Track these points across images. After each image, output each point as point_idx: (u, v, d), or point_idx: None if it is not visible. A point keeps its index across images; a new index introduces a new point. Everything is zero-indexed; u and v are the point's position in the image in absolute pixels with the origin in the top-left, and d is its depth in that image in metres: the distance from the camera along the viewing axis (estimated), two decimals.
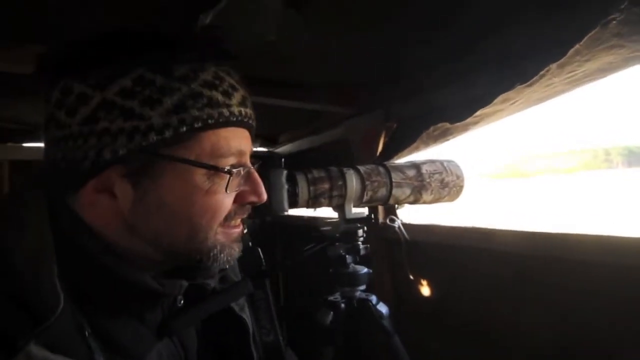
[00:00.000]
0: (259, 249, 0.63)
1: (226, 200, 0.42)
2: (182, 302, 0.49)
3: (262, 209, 0.62)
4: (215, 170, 0.40)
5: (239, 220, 0.46)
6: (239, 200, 0.44)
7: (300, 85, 0.98)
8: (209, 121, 0.40)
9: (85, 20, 0.55)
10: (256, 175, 0.46)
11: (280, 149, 1.70)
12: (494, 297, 0.84)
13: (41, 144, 0.44)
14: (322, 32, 0.66)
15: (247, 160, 0.45)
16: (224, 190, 0.41)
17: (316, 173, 0.72)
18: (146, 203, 0.40)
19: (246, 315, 0.56)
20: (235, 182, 0.43)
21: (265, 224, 1.77)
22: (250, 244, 0.64)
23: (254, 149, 0.53)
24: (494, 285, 0.84)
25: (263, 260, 0.62)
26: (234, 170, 0.42)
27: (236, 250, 0.46)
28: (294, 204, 0.69)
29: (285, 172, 0.65)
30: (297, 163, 0.74)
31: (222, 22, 0.54)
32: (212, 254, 0.42)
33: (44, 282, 0.34)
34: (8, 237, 0.35)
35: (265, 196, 0.46)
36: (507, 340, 0.80)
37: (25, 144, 1.37)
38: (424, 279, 1.04)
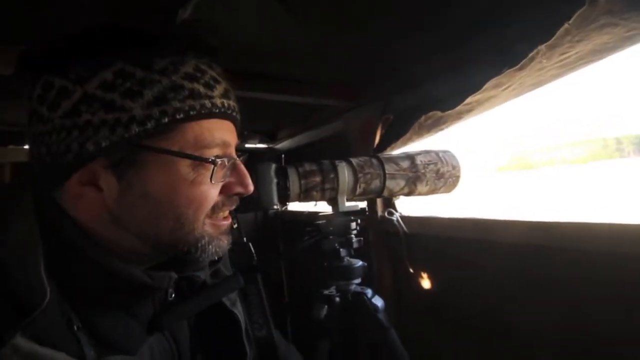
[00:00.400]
0: (250, 244, 0.63)
1: (212, 191, 0.43)
2: (173, 295, 0.49)
3: (252, 204, 0.62)
4: (199, 160, 0.41)
5: (227, 213, 0.47)
6: (225, 191, 0.45)
7: (298, 80, 0.98)
8: (191, 112, 0.40)
9: (67, 18, 0.55)
10: (242, 166, 0.47)
11: (279, 145, 1.69)
12: (495, 289, 0.82)
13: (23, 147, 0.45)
14: (317, 26, 0.65)
15: (232, 151, 0.45)
16: (209, 180, 0.42)
17: (307, 166, 0.71)
18: (131, 195, 0.40)
19: (238, 311, 0.56)
20: (220, 172, 0.43)
21: (267, 219, 1.78)
22: (244, 239, 0.64)
23: (253, 146, 0.55)
24: (495, 278, 0.82)
25: (254, 255, 0.62)
26: (218, 160, 0.42)
27: (224, 242, 0.46)
28: (285, 198, 0.68)
29: (273, 165, 0.64)
30: (296, 159, 0.73)
31: (201, 16, 0.54)
32: (199, 245, 0.43)
33: (30, 275, 0.34)
34: (7, 230, 0.36)
35: (251, 187, 0.47)
36: (507, 333, 0.79)
37: (26, 146, 1.39)
38: (424, 272, 1.03)
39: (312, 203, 0.76)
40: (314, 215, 1.40)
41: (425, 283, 1.03)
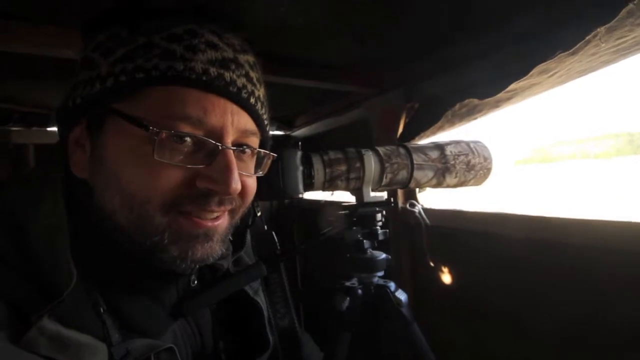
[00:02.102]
0: (274, 233, 0.62)
1: (170, 174, 0.35)
2: (195, 282, 0.48)
3: (276, 191, 0.60)
4: (139, 126, 0.34)
5: (201, 213, 0.38)
6: (190, 182, 0.36)
7: (317, 64, 0.93)
8: (153, 72, 0.35)
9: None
10: (230, 159, 0.37)
11: (297, 133, 1.67)
12: (516, 284, 0.80)
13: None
14: (343, 5, 0.61)
15: (220, 137, 0.37)
16: (168, 160, 0.35)
17: (332, 154, 0.69)
18: (93, 159, 0.38)
19: (260, 299, 0.55)
20: (177, 151, 0.35)
21: (282, 207, 1.77)
22: (265, 227, 0.63)
23: (270, 133, 0.47)
24: (517, 273, 0.79)
25: (278, 244, 0.61)
26: (173, 133, 0.34)
27: (200, 251, 0.38)
28: (309, 187, 0.66)
29: (299, 152, 0.62)
30: (314, 147, 0.71)
31: None
32: (156, 239, 0.36)
33: (57, 258, 0.33)
34: (23, 213, 0.35)
35: (231, 187, 0.36)
36: (527, 329, 0.77)
37: (49, 128, 1.41)
38: (444, 265, 1.00)
39: (329, 192, 0.73)
40: (334, 204, 1.39)
41: (446, 277, 1.01)
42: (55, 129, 1.32)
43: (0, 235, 0.34)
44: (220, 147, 0.37)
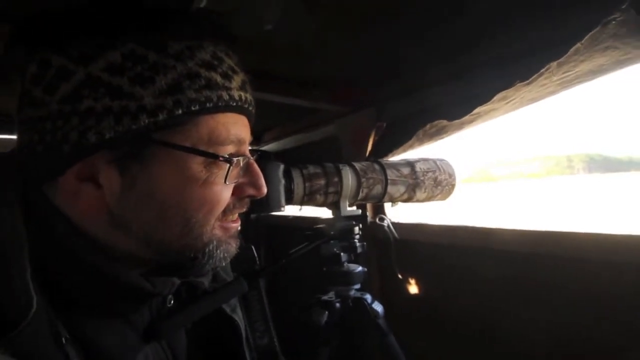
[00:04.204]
0: (253, 248, 0.60)
1: (225, 193, 0.39)
2: (172, 301, 0.46)
3: (259, 205, 0.59)
4: (213, 158, 0.37)
5: (236, 215, 0.43)
6: (237, 192, 0.41)
7: (291, 81, 0.95)
8: (208, 104, 0.36)
9: None
10: (256, 166, 0.43)
11: (265, 147, 1.66)
12: (483, 295, 0.85)
13: (14, 136, 0.39)
14: (318, 27, 0.64)
15: (246, 149, 0.42)
16: (223, 181, 0.38)
17: (312, 169, 0.70)
18: (135, 194, 0.36)
19: (238, 317, 0.53)
20: (234, 172, 0.40)
21: (248, 223, 1.72)
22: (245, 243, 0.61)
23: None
24: (484, 284, 0.85)
25: (257, 259, 0.60)
26: (234, 159, 0.39)
27: (233, 246, 0.43)
28: (289, 200, 0.66)
29: (282, 166, 0.62)
30: (284, 162, 0.71)
31: (218, 7, 0.51)
32: (207, 250, 0.39)
33: (15, 283, 0.30)
34: None
35: (265, 189, 0.43)
36: (495, 339, 0.81)
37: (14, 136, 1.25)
38: (412, 277, 1.04)
39: (297, 207, 0.74)
40: (304, 219, 1.39)
41: (413, 289, 1.04)
42: (3, 137, 1.14)
43: None
44: (250, 159, 0.42)
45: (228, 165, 0.38)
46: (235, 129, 0.39)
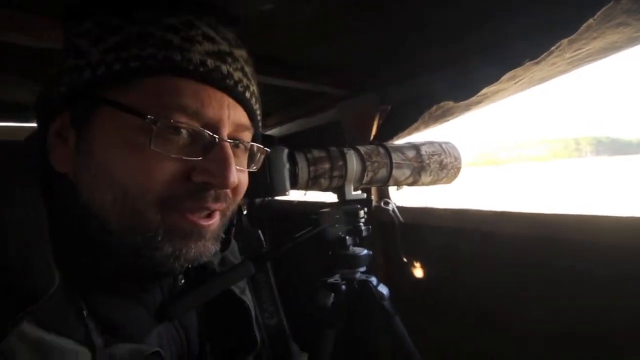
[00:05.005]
0: (260, 231, 0.61)
1: (166, 166, 0.34)
2: (182, 281, 0.47)
3: (264, 189, 0.60)
4: (139, 116, 0.33)
5: (198, 211, 0.37)
6: (192, 176, 0.35)
7: (290, 64, 0.94)
8: (149, 62, 0.34)
9: None
10: (227, 152, 0.36)
11: (268, 132, 1.65)
12: (487, 278, 0.86)
13: (10, 124, 0.40)
14: (319, 10, 0.62)
15: (217, 129, 0.36)
16: (164, 151, 0.34)
17: (316, 153, 0.69)
18: (80, 152, 0.35)
19: (247, 299, 0.54)
20: (173, 142, 0.34)
21: (252, 207, 1.74)
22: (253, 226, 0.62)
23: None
24: (487, 266, 0.85)
25: (264, 242, 0.60)
26: (170, 123, 0.33)
27: (194, 249, 0.37)
28: (293, 185, 0.66)
29: (286, 150, 0.62)
30: (287, 147, 0.70)
31: None
32: (149, 236, 0.35)
33: (38, 260, 0.31)
34: (10, 206, 0.32)
35: (228, 180, 0.36)
36: (499, 320, 0.82)
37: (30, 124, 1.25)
38: (417, 261, 1.05)
39: (301, 192, 0.74)
40: (309, 204, 1.39)
41: (418, 272, 1.05)
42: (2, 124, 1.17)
43: None
44: (217, 140, 0.36)
45: (153, 127, 0.33)
46: (190, 98, 0.34)
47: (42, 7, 0.58)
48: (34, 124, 0.40)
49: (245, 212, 0.56)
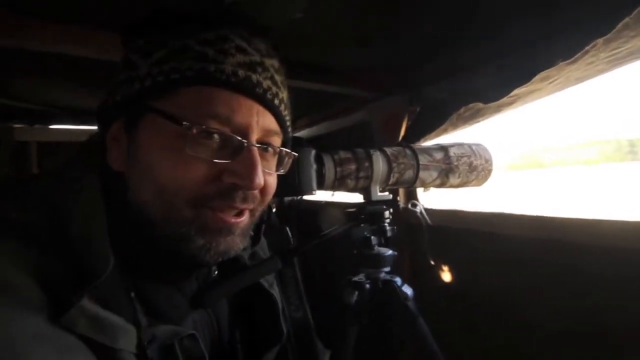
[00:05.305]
0: (287, 229, 0.64)
1: (199, 167, 0.37)
2: (216, 273, 0.50)
3: (292, 189, 0.63)
4: (176, 123, 0.36)
5: (228, 209, 0.40)
6: (222, 177, 0.39)
7: (321, 67, 0.96)
8: (187, 73, 0.37)
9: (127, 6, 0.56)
10: (254, 156, 0.39)
11: (297, 134, 1.69)
12: (516, 283, 0.83)
13: (67, 126, 0.46)
14: (348, 13, 0.64)
15: (246, 135, 0.39)
16: (198, 154, 0.37)
17: (343, 154, 0.71)
18: (129, 155, 0.40)
19: (275, 292, 0.57)
20: (206, 146, 0.38)
21: (281, 206, 1.79)
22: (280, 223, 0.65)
23: None
24: (515, 271, 0.83)
25: (291, 239, 0.63)
26: (203, 129, 0.37)
27: (223, 244, 0.40)
28: (320, 185, 0.68)
29: (313, 151, 0.65)
30: (316, 148, 0.73)
31: None
32: (183, 230, 0.38)
33: (97, 243, 0.35)
34: (64, 201, 0.37)
35: (255, 183, 0.39)
36: (527, 326, 0.80)
37: (52, 126, 1.42)
38: (444, 264, 1.03)
39: (330, 193, 0.76)
40: (336, 204, 1.42)
41: (446, 275, 1.04)
42: (59, 127, 1.32)
43: (39, 220, 0.35)
44: (245, 144, 0.39)
45: (188, 132, 0.36)
46: (225, 107, 0.38)
47: (105, 24, 0.65)
48: (89, 127, 0.46)
49: (274, 210, 0.59)
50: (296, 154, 0.47)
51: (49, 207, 0.36)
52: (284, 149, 0.46)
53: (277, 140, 0.44)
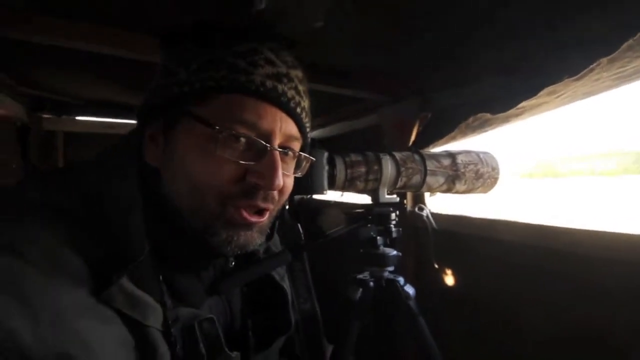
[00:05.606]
0: (298, 225, 0.68)
1: (227, 167, 0.41)
2: (232, 264, 0.55)
3: (305, 187, 0.66)
4: (209, 127, 0.41)
5: (252, 207, 0.44)
6: (246, 177, 0.43)
7: (334, 71, 0.99)
8: (222, 82, 0.41)
9: (158, 11, 0.61)
10: (275, 158, 0.43)
11: (311, 135, 1.72)
12: (517, 288, 0.85)
13: (90, 118, 0.50)
14: (363, 17, 0.67)
15: (269, 139, 0.43)
16: (226, 155, 0.41)
17: (353, 157, 0.75)
18: (165, 153, 0.44)
19: (286, 285, 0.61)
20: (234, 149, 0.42)
21: (291, 204, 1.82)
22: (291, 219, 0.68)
23: None
24: (517, 277, 0.85)
25: (302, 235, 0.67)
26: (225, 132, 0.40)
27: (242, 237, 0.44)
28: (331, 185, 0.72)
29: (326, 153, 0.68)
30: (327, 149, 0.76)
31: (276, 7, 0.57)
32: (210, 223, 0.43)
33: (135, 229, 0.39)
34: (106, 188, 0.41)
35: (275, 184, 0.42)
36: (529, 331, 0.82)
37: (78, 117, 1.49)
38: (448, 267, 1.06)
39: (339, 193, 0.79)
40: (344, 205, 1.45)
41: (449, 279, 1.06)
42: (84, 118, 1.40)
43: (83, 205, 0.39)
44: (268, 148, 0.43)
45: (219, 135, 0.40)
46: (252, 114, 0.42)
47: (128, 24, 0.70)
48: (127, 120, 0.51)
49: (287, 207, 0.63)
50: (313, 159, 0.51)
51: (91, 194, 0.40)
52: (303, 153, 0.50)
53: (297, 145, 0.48)
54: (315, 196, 0.70)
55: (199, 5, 0.61)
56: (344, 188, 0.75)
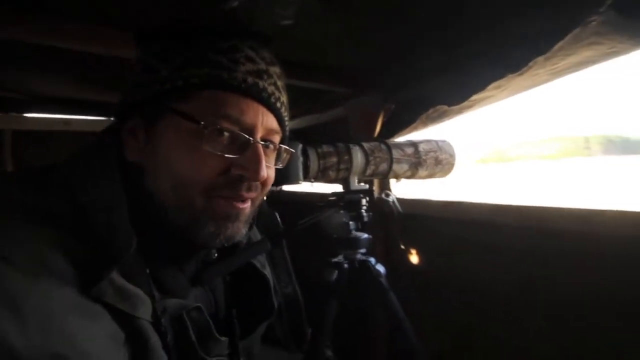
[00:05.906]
0: (276, 213, 0.71)
1: (209, 161, 0.43)
2: (215, 255, 0.57)
3: (281, 177, 0.70)
4: (193, 121, 0.42)
5: (235, 198, 0.45)
6: (230, 170, 0.44)
7: (304, 65, 1.02)
8: (204, 79, 0.42)
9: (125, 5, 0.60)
10: (258, 151, 0.44)
11: None
12: (478, 265, 0.94)
13: (42, 115, 0.49)
14: (330, 15, 0.71)
15: (252, 133, 0.45)
16: (209, 149, 0.42)
17: (325, 148, 0.79)
18: (147, 148, 0.45)
19: (267, 272, 0.64)
20: (218, 142, 0.43)
21: (271, 194, 1.83)
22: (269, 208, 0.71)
23: None
24: (478, 254, 0.94)
25: (280, 223, 0.70)
26: (217, 128, 0.42)
27: (230, 229, 0.45)
28: (305, 175, 0.76)
29: (300, 145, 0.72)
30: (300, 141, 0.79)
31: (248, 5, 0.59)
32: (196, 216, 0.44)
33: (120, 225, 0.40)
34: (86, 187, 0.41)
35: (259, 174, 0.44)
36: (491, 305, 0.90)
37: (26, 114, 1.39)
38: (414, 248, 1.14)
39: (309, 184, 0.84)
40: (315, 195, 1.49)
41: (414, 258, 1.15)
42: (33, 115, 1.32)
43: (66, 205, 0.39)
44: (251, 141, 0.44)
45: (205, 130, 0.41)
46: (234, 109, 0.43)
47: (117, 23, 0.68)
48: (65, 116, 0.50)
49: (265, 197, 0.66)
50: (293, 150, 0.54)
51: (75, 195, 0.40)
52: (283, 145, 0.52)
53: (277, 138, 0.51)
54: (286, 187, 0.74)
55: (171, 1, 0.61)
56: (317, 178, 0.79)
